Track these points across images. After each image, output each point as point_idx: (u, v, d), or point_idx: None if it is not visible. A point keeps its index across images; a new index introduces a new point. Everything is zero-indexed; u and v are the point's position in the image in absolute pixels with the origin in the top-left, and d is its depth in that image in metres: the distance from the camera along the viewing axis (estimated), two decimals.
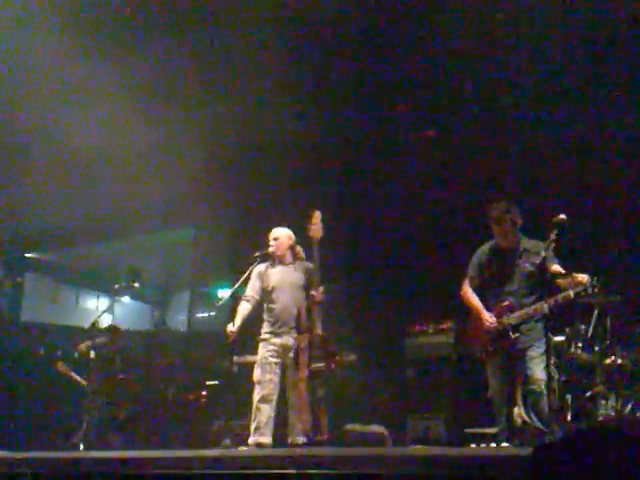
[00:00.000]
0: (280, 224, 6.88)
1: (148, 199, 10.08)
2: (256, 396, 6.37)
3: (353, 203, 9.59)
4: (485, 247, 6.08)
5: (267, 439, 6.23)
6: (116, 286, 9.37)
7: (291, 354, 6.37)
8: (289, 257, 6.73)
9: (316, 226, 6.30)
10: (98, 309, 14.18)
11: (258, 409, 6.31)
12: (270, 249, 6.70)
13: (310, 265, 6.53)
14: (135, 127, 9.17)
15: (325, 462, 3.57)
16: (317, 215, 6.34)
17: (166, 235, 13.17)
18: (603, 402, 6.48)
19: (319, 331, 6.25)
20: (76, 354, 8.76)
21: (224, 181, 10.12)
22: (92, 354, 8.36)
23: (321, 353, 6.20)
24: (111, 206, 10.43)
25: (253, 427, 6.29)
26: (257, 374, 6.46)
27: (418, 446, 7.31)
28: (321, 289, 6.31)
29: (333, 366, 6.26)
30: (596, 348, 6.77)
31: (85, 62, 8.62)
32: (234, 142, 9.63)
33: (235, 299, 6.77)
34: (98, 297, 15.43)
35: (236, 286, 6.72)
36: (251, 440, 6.25)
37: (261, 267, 6.72)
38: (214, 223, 10.98)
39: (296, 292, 6.55)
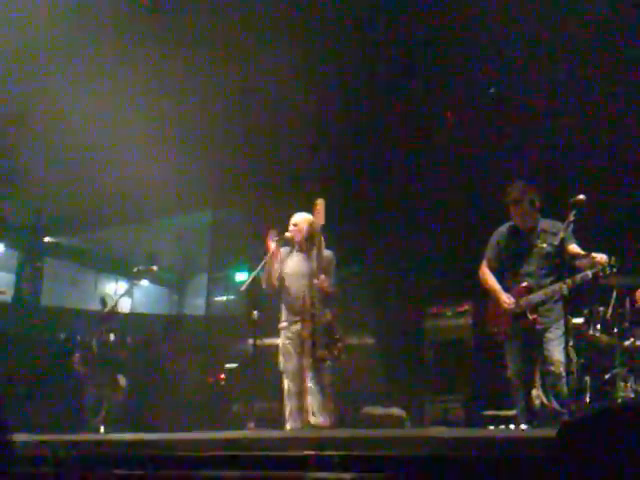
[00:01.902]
0: (300, 209, 6.82)
1: (166, 182, 10.09)
2: (284, 385, 6.42)
3: (373, 187, 9.56)
4: (503, 228, 6.04)
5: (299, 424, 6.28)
6: (134, 269, 9.41)
7: None
8: (307, 244, 6.64)
9: (319, 214, 6.25)
10: (117, 293, 14.25)
11: (288, 397, 6.37)
12: (287, 234, 6.62)
13: (328, 253, 6.48)
14: (152, 111, 9.20)
15: (344, 444, 3.58)
16: (320, 202, 6.27)
17: (184, 218, 13.21)
18: (622, 384, 6.45)
19: (323, 318, 6.25)
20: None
21: (243, 163, 10.11)
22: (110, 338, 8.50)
23: (325, 340, 6.20)
24: (129, 190, 10.44)
25: (287, 413, 6.34)
26: (281, 363, 6.51)
27: (437, 427, 7.32)
28: (323, 277, 6.26)
29: (336, 353, 6.26)
30: (615, 330, 6.74)
31: (98, 50, 8.66)
32: (253, 124, 9.61)
33: (255, 283, 6.76)
34: (117, 281, 15.52)
35: (257, 270, 6.67)
36: (288, 426, 6.32)
37: (284, 251, 6.70)
38: (232, 206, 11.00)
39: (308, 280, 6.53)
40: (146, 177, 9.86)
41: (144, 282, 14.37)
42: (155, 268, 9.21)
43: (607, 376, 6.58)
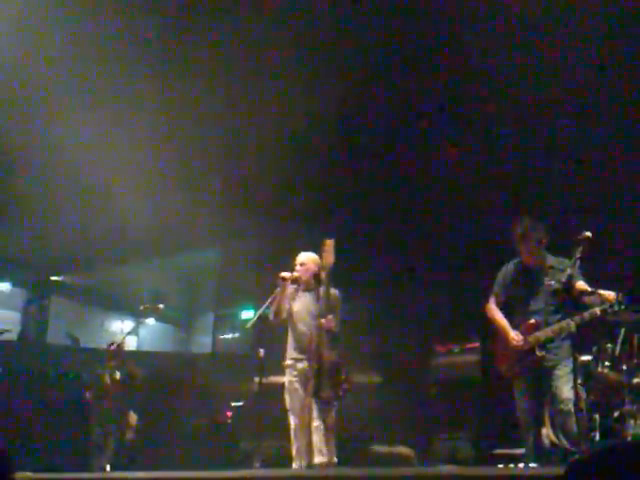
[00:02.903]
0: (306, 248, 6.85)
1: (173, 220, 10.13)
2: (291, 423, 6.42)
3: (375, 221, 9.58)
4: (510, 265, 6.04)
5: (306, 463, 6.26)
6: (141, 308, 9.41)
7: None
8: (313, 283, 6.68)
9: (328, 254, 6.27)
10: (123, 331, 14.23)
11: (295, 436, 6.37)
12: (295, 274, 6.64)
13: (334, 292, 6.48)
14: (161, 149, 9.26)
15: None
16: (329, 243, 6.29)
17: (191, 257, 13.23)
18: (632, 422, 6.38)
19: (329, 358, 6.22)
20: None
21: (249, 203, 10.14)
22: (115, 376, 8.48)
23: (330, 381, 6.17)
24: (135, 228, 10.48)
25: (294, 452, 6.34)
26: (287, 401, 6.51)
27: (447, 466, 7.25)
28: (330, 317, 6.25)
29: (341, 394, 6.22)
30: (624, 367, 6.69)
31: (99, 79, 8.74)
32: (260, 164, 9.67)
33: (261, 321, 6.76)
34: (122, 319, 15.50)
35: (263, 307, 6.68)
36: (295, 465, 6.30)
37: (291, 290, 6.72)
38: (238, 245, 11.02)
39: (315, 320, 6.51)
40: (153, 215, 9.91)
41: (150, 320, 14.35)
42: (161, 306, 9.22)
43: (616, 414, 6.52)
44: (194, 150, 9.45)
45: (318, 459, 6.15)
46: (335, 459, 6.19)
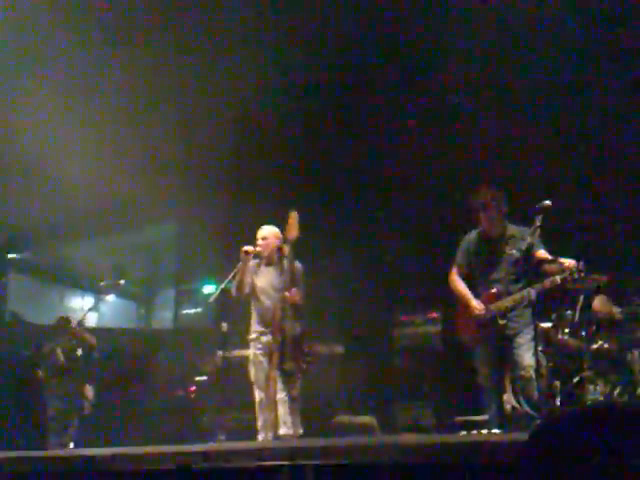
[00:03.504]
0: (268, 221, 6.81)
1: (132, 196, 10.00)
2: (256, 396, 6.44)
3: (337, 193, 9.56)
4: (472, 235, 6.07)
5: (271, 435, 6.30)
6: (101, 284, 9.31)
7: None
8: (275, 257, 6.67)
9: (292, 227, 6.26)
10: (83, 308, 14.06)
11: (260, 408, 6.40)
12: (257, 248, 6.64)
13: (297, 265, 6.49)
14: (116, 123, 9.12)
15: (315, 453, 3.56)
16: (293, 215, 6.28)
17: (150, 232, 13.10)
18: (591, 387, 6.52)
19: (293, 331, 6.24)
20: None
21: (209, 176, 10.05)
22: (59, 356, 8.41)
23: (293, 353, 6.19)
24: (94, 203, 10.33)
25: (259, 424, 6.38)
26: (252, 374, 6.53)
27: (408, 434, 7.32)
28: (294, 290, 6.29)
29: (304, 366, 6.27)
30: (583, 333, 6.81)
31: (60, 56, 8.57)
32: (218, 136, 9.57)
33: (224, 295, 6.74)
34: (83, 296, 15.32)
35: (226, 281, 6.67)
36: (260, 437, 6.34)
37: (253, 264, 6.69)
38: (199, 219, 10.93)
39: (279, 293, 6.52)
40: (111, 191, 9.78)
41: (111, 296, 14.18)
42: (122, 282, 9.13)
43: (576, 379, 6.64)
44: (152, 124, 9.31)
45: (283, 431, 6.19)
46: (300, 430, 6.24)
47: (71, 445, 7.93)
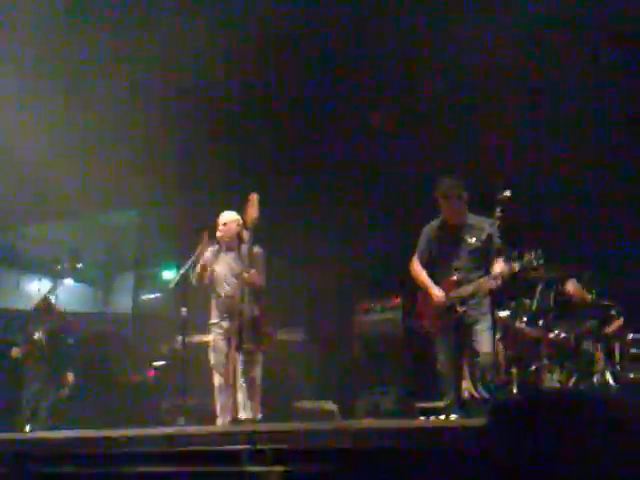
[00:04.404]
0: (228, 204, 6.81)
1: (90, 179, 9.89)
2: (215, 381, 6.48)
3: (303, 181, 9.54)
4: (434, 223, 6.12)
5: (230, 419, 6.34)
6: (58, 267, 9.19)
7: None
8: (236, 242, 6.67)
9: (252, 208, 6.26)
10: (40, 292, 13.87)
11: (219, 393, 6.44)
12: (218, 234, 6.67)
13: (256, 249, 6.51)
14: (79, 107, 9.01)
15: (275, 438, 3.58)
16: (254, 197, 6.29)
17: (109, 216, 12.96)
18: (548, 375, 6.62)
19: (252, 312, 6.26)
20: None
21: (170, 159, 9.97)
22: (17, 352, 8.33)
23: (252, 335, 6.21)
24: (52, 187, 10.19)
25: (218, 409, 6.42)
26: (212, 359, 6.57)
27: (367, 419, 7.38)
28: (253, 271, 6.31)
29: (263, 347, 6.32)
30: (540, 322, 6.92)
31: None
32: (181, 121, 9.51)
33: (184, 280, 6.72)
34: (40, 279, 15.10)
35: (185, 266, 6.68)
36: (219, 421, 6.38)
37: (212, 250, 6.68)
38: (159, 203, 10.85)
39: (239, 280, 6.52)
40: (70, 174, 9.65)
41: (69, 281, 14.00)
42: (80, 265, 9.04)
43: (533, 367, 6.74)
44: (112, 110, 9.19)
45: (242, 415, 6.20)
46: (259, 415, 6.26)
47: (27, 428, 7.84)
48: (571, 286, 6.98)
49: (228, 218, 6.69)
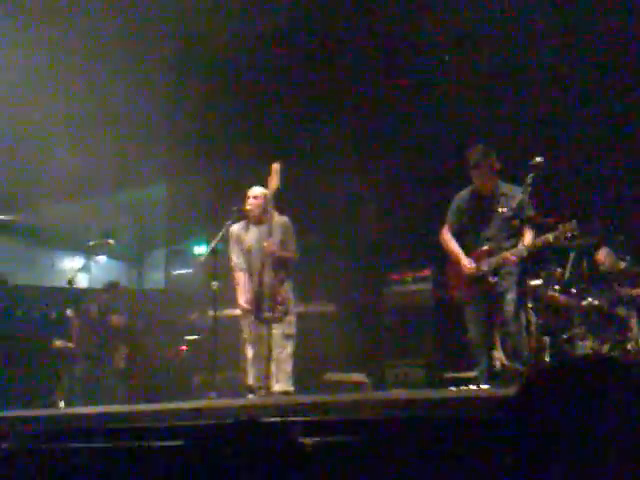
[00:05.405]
0: (256, 179, 6.80)
1: (120, 156, 9.92)
2: (248, 354, 6.49)
3: (332, 153, 9.47)
4: (464, 192, 6.06)
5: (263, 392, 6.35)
6: (90, 243, 9.28)
7: None
8: (265, 217, 6.66)
9: (273, 178, 6.26)
10: (73, 268, 14.00)
11: (252, 366, 6.45)
12: (247, 207, 6.67)
13: (285, 219, 6.54)
14: (105, 85, 9.03)
15: (306, 410, 3.57)
16: (275, 167, 6.28)
17: (139, 192, 13.03)
18: (580, 343, 6.57)
19: (270, 281, 6.31)
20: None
21: (198, 135, 9.97)
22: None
23: (269, 302, 6.26)
24: (82, 164, 10.24)
25: (250, 381, 6.43)
26: (245, 332, 6.57)
27: (397, 390, 7.37)
28: (272, 240, 6.33)
29: (279, 315, 6.32)
30: (573, 290, 6.85)
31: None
32: (207, 94, 9.46)
33: (214, 255, 6.74)
34: (73, 257, 15.26)
35: (214, 242, 6.70)
36: (250, 394, 6.40)
37: (237, 228, 6.70)
38: (188, 179, 10.88)
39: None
40: (99, 151, 9.70)
41: (102, 257, 14.13)
42: (111, 241, 9.12)
43: (565, 336, 6.68)
44: (139, 85, 9.19)
45: (275, 387, 6.23)
46: (292, 387, 6.28)
47: (61, 404, 7.95)
48: (603, 253, 6.89)
49: (258, 192, 6.70)
